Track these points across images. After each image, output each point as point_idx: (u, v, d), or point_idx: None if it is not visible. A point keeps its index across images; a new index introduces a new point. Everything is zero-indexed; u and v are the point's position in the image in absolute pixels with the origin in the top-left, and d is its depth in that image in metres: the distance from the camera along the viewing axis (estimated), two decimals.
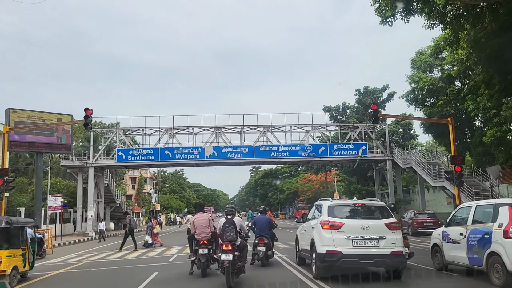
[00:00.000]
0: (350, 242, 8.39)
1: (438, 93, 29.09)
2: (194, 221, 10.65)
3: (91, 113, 20.47)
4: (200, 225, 10.38)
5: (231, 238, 9.10)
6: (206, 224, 10.43)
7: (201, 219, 10.53)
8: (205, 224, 10.41)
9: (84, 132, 42.15)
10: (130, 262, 14.59)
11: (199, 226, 10.40)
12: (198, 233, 10.38)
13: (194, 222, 10.61)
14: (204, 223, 10.43)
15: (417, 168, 32.17)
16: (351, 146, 36.88)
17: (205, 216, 10.72)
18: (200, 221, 10.46)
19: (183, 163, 37.15)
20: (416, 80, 29.38)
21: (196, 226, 10.47)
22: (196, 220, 10.60)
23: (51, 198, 29.45)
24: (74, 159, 36.46)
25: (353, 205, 9.14)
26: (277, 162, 40.98)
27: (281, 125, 37.52)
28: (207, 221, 10.49)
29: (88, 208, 35.35)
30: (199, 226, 10.40)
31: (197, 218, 10.63)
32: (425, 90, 28.91)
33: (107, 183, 41.35)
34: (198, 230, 10.39)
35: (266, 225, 11.95)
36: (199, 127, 37.17)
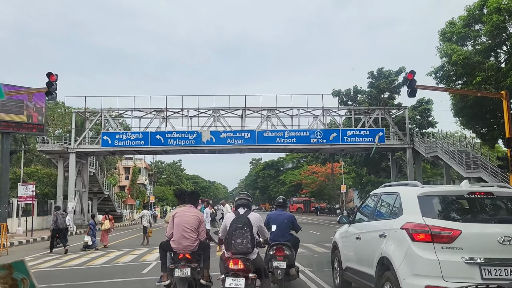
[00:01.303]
0: (477, 270, 4.16)
1: (474, 68, 24.88)
2: (175, 217, 6.26)
3: (56, 79, 16.34)
4: (182, 227, 6.04)
5: (244, 249, 5.30)
6: (193, 225, 6.11)
7: (186, 215, 6.16)
8: (190, 226, 6.08)
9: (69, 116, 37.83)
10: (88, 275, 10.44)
11: (181, 227, 6.04)
12: (177, 239, 6.03)
13: (174, 220, 6.23)
14: (190, 223, 6.10)
15: (444, 157, 28.01)
16: (366, 132, 32.68)
17: (193, 211, 6.30)
18: (184, 219, 6.11)
19: (176, 149, 32.95)
20: (449, 53, 25.09)
21: (175, 226, 6.12)
22: (178, 216, 6.19)
23: (22, 187, 25.33)
24: (54, 143, 32.25)
25: (470, 195, 4.76)
26: (282, 150, 36.74)
27: (288, 108, 33.31)
28: (195, 221, 6.14)
29: (68, 199, 31.21)
30: (181, 227, 6.04)
31: (181, 213, 6.22)
32: (459, 64, 24.64)
33: (93, 171, 37.21)
34: (177, 235, 6.06)
35: (287, 226, 7.41)
36: (195, 109, 32.95)
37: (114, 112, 33.61)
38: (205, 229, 6.39)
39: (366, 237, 5.78)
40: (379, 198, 5.92)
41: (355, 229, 6.38)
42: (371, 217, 5.97)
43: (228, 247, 5.41)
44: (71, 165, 31.25)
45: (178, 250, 6.04)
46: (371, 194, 6.51)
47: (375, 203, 6.00)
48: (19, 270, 1.67)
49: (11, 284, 1.64)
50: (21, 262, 1.69)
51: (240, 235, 5.27)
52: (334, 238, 7.44)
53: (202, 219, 6.32)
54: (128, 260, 12.71)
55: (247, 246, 5.26)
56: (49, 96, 16.25)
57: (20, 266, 1.68)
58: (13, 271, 1.66)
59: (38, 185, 35.65)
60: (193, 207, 6.42)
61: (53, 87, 16.10)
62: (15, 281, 1.66)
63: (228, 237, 5.40)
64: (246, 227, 5.32)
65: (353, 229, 6.51)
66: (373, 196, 6.37)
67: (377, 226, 5.46)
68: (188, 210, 6.30)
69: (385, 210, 5.71)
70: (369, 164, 42.65)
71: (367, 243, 5.66)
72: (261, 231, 5.89)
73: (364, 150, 35.92)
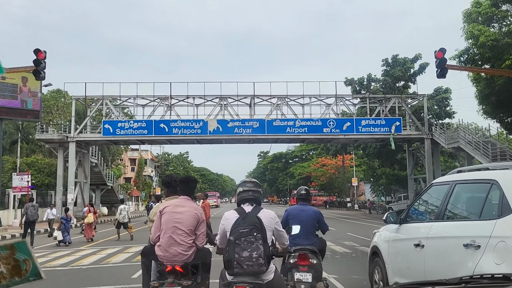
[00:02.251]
0: None
1: (503, 51, 22.90)
2: (163, 213, 4.38)
3: (44, 57, 14.72)
4: (172, 227, 4.25)
5: (255, 267, 3.49)
6: (188, 225, 4.29)
7: (178, 211, 4.33)
8: (184, 227, 4.27)
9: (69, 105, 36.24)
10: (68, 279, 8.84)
11: (170, 228, 4.24)
12: (165, 244, 4.22)
13: (162, 217, 4.37)
14: (185, 223, 4.29)
15: (467, 148, 26.10)
16: (382, 122, 30.82)
17: (189, 206, 4.43)
18: (176, 216, 4.30)
19: (181, 138, 31.29)
20: (476, 35, 23.09)
21: (163, 226, 4.29)
22: (167, 212, 4.34)
23: (17, 176, 24.01)
24: (53, 132, 30.75)
25: None
26: (293, 140, 34.93)
27: (299, 96, 31.50)
28: (191, 220, 4.32)
29: (68, 190, 29.77)
30: (170, 228, 4.24)
31: (171, 208, 4.37)
32: (487, 46, 22.66)
33: (95, 162, 35.72)
34: (165, 238, 4.24)
35: (312, 225, 5.61)
36: (201, 96, 31.24)
37: (116, 99, 31.99)
38: (206, 230, 4.58)
39: (436, 246, 4.02)
40: (453, 188, 4.15)
41: (411, 232, 4.61)
42: (440, 216, 4.20)
43: (229, 265, 3.51)
44: (71, 154, 29.77)
45: (165, 260, 4.24)
46: (434, 183, 4.72)
47: (445, 195, 4.21)
48: (21, 251, 1.65)
49: (13, 264, 1.62)
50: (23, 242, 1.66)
51: (247, 245, 3.48)
52: (374, 242, 5.63)
53: (202, 216, 4.47)
54: (120, 260, 11.10)
55: (259, 262, 3.46)
56: (37, 76, 14.64)
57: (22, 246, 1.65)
58: (16, 251, 1.64)
59: (38, 175, 34.37)
60: (188, 200, 4.52)
61: (42, 65, 14.49)
62: (17, 262, 1.64)
63: (229, 250, 3.53)
64: (256, 231, 3.52)
65: (406, 231, 4.74)
66: (438, 186, 4.60)
67: (457, 230, 3.73)
68: (182, 204, 4.42)
69: (468, 206, 4.00)
70: (383, 156, 40.75)
71: (439, 255, 3.91)
72: (278, 237, 3.92)
73: (379, 141, 34.09)
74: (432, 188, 4.72)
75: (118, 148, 49.13)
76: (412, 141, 33.42)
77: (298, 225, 5.22)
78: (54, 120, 40.27)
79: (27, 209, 16.23)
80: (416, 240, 4.32)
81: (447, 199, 4.11)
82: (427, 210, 4.76)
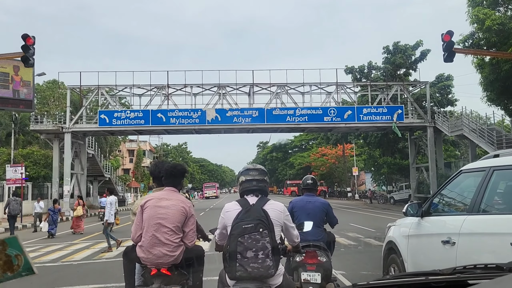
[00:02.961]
0: None
1: (509, 35, 22.24)
2: (144, 208, 3.71)
3: (33, 42, 14.05)
4: (155, 224, 3.62)
5: (262, 270, 2.88)
6: (174, 222, 3.67)
7: (163, 206, 3.70)
8: (170, 223, 3.65)
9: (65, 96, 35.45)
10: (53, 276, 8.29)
11: (153, 226, 3.62)
12: (147, 244, 3.60)
13: (144, 212, 3.70)
14: (170, 218, 3.66)
15: (471, 135, 25.52)
16: (384, 110, 30.21)
17: (175, 199, 3.80)
18: (160, 211, 3.67)
19: (179, 128, 30.64)
20: (481, 19, 22.40)
21: (146, 223, 3.66)
22: (149, 207, 3.69)
23: (10, 168, 23.42)
24: (48, 122, 30.09)
25: None
26: (293, 129, 34.29)
27: (299, 84, 30.83)
28: (177, 215, 3.70)
29: (64, 182, 29.20)
30: (153, 226, 3.62)
31: (154, 202, 3.73)
32: (493, 31, 21.98)
33: (92, 153, 35.13)
34: (147, 237, 3.62)
35: (320, 218, 5.03)
36: (198, 85, 30.55)
37: (112, 89, 31.28)
38: (197, 226, 3.97)
39: (472, 243, 3.42)
40: (490, 175, 3.54)
41: (437, 227, 4.01)
42: (474, 209, 3.57)
43: (230, 268, 2.94)
44: (67, 146, 29.15)
45: (148, 263, 3.63)
46: (464, 170, 4.08)
47: (480, 184, 3.58)
48: (12, 246, 1.59)
49: (5, 260, 1.59)
50: (14, 238, 1.60)
51: (251, 243, 2.92)
52: (390, 236, 5.01)
53: (191, 210, 3.82)
54: (114, 255, 10.52)
55: (266, 263, 2.90)
56: (27, 62, 13.98)
57: (13, 242, 1.59)
58: (7, 247, 1.59)
59: (34, 167, 33.78)
60: (174, 192, 3.87)
61: (30, 51, 13.84)
62: (9, 257, 1.60)
63: (230, 249, 2.97)
64: (262, 227, 2.95)
65: (431, 226, 4.14)
66: (470, 173, 3.99)
67: (501, 225, 3.15)
68: (167, 197, 3.77)
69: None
70: (384, 145, 40.18)
71: (477, 254, 3.28)
72: (288, 233, 3.33)
73: (380, 130, 33.50)
74: (461, 176, 4.08)
75: (116, 139, 48.49)
76: (414, 130, 32.87)
77: (306, 219, 4.62)
78: (50, 111, 39.58)
79: (9, 203, 16.15)
80: (444, 236, 3.70)
81: (483, 188, 3.50)
82: (456, 202, 4.16)
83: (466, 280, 1.39)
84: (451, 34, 14.44)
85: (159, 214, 3.65)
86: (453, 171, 33.28)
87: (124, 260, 4.11)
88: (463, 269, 1.55)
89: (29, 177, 29.53)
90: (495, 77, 23.31)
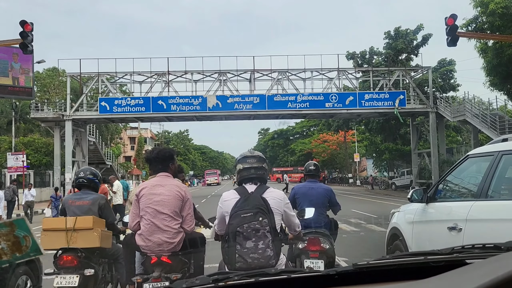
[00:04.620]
0: None
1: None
2: (140, 197, 3.63)
3: (31, 29, 13.88)
4: (152, 211, 3.55)
5: (262, 260, 2.82)
6: (172, 207, 3.59)
7: (158, 192, 3.61)
8: (167, 209, 3.57)
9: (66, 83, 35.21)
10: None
11: (150, 213, 3.55)
12: (146, 232, 3.54)
13: (140, 201, 3.62)
14: (167, 204, 3.59)
15: (474, 121, 25.37)
16: (385, 96, 30.01)
17: (170, 184, 3.70)
18: (155, 198, 3.59)
19: (180, 115, 30.53)
20: (485, 2, 22.11)
21: (142, 211, 3.59)
22: (144, 195, 3.62)
23: (11, 156, 23.43)
24: (49, 110, 29.97)
25: None
26: (294, 115, 34.13)
27: (300, 70, 30.62)
28: (174, 200, 3.62)
29: (66, 170, 29.21)
30: (150, 213, 3.55)
31: (149, 189, 3.64)
32: (497, 14, 21.70)
33: (93, 140, 35.10)
34: (145, 225, 3.56)
35: (323, 204, 4.98)
36: (199, 72, 30.35)
37: (112, 76, 31.10)
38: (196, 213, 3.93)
39: (479, 230, 3.34)
40: (498, 160, 3.44)
41: (442, 213, 3.94)
42: (482, 194, 3.48)
43: (229, 258, 2.89)
44: (67, 133, 29.10)
45: (148, 251, 3.58)
46: (471, 155, 3.98)
47: (488, 169, 3.50)
48: (20, 228, 1.63)
49: (13, 241, 1.61)
50: (22, 220, 1.70)
51: (251, 233, 2.85)
52: (394, 223, 4.96)
53: (187, 194, 3.75)
54: None
55: (266, 253, 2.84)
56: (25, 49, 13.85)
57: (21, 223, 1.65)
58: (15, 228, 1.62)
59: (36, 155, 33.82)
60: (168, 177, 3.78)
61: (29, 38, 13.69)
62: (17, 239, 1.63)
63: (229, 239, 2.92)
64: (261, 216, 2.88)
65: (436, 212, 4.07)
66: (477, 158, 3.91)
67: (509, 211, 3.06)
68: (161, 183, 3.69)
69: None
70: (386, 131, 40.09)
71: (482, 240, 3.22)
72: (289, 222, 3.22)
73: (382, 115, 33.35)
74: (468, 161, 4.00)
75: (117, 126, 48.44)
76: (416, 115, 32.70)
77: (309, 206, 4.54)
78: (51, 99, 39.47)
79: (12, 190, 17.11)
80: (450, 223, 3.63)
81: (491, 173, 3.41)
82: (463, 187, 4.09)
83: (464, 260, 1.42)
84: (454, 18, 14.23)
85: (155, 201, 3.60)
86: (455, 157, 33.24)
87: (124, 249, 4.06)
88: (461, 249, 1.58)
89: (31, 165, 29.56)
90: (499, 61, 23.08)
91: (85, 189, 4.70)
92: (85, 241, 4.24)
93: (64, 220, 4.32)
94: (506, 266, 0.93)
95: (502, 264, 0.98)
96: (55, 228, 4.33)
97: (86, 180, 4.71)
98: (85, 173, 4.76)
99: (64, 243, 4.22)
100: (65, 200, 4.88)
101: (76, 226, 4.21)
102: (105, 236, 4.42)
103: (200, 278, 1.45)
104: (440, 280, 1.08)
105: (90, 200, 4.53)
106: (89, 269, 4.22)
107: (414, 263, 1.47)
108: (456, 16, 14.26)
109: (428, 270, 1.34)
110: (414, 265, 1.46)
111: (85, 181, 4.71)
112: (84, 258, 4.28)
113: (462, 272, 1.11)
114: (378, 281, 1.35)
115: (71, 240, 4.20)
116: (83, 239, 4.23)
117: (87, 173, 4.78)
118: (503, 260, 1.11)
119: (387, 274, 1.40)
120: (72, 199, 4.68)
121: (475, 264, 1.23)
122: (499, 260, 1.12)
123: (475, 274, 1.03)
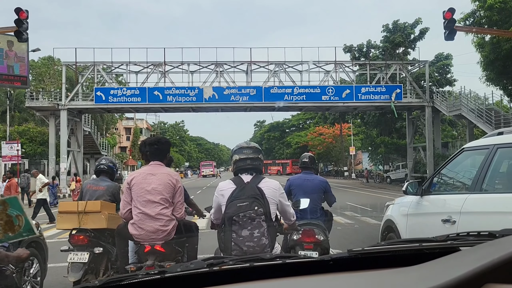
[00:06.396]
0: None
1: (510, 14, 21.99)
2: (131, 185, 3.66)
3: (26, 16, 13.74)
4: (143, 200, 3.58)
5: (257, 248, 2.89)
6: (163, 195, 3.62)
7: (149, 181, 3.64)
8: (159, 197, 3.60)
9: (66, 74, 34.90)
10: None
11: (142, 201, 3.59)
12: (139, 220, 3.57)
13: (132, 189, 3.66)
14: (158, 192, 3.61)
15: (469, 115, 25.48)
16: (382, 89, 30.03)
17: (161, 172, 3.73)
18: (146, 187, 3.62)
19: (176, 106, 30.47)
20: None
21: (134, 201, 3.63)
22: (136, 183, 3.65)
23: (6, 145, 23.29)
24: (44, 99, 29.78)
25: None
26: (291, 108, 34.13)
27: (297, 63, 30.56)
28: (165, 187, 3.65)
29: (61, 159, 29.12)
30: (142, 201, 3.59)
31: (140, 178, 3.68)
32: (495, 9, 21.71)
33: (89, 130, 34.98)
34: (137, 214, 3.60)
35: (318, 196, 4.96)
36: (196, 63, 30.25)
37: (108, 66, 30.94)
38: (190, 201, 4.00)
39: (472, 222, 3.33)
40: (493, 153, 3.44)
41: (437, 206, 3.96)
42: (476, 188, 3.50)
43: (225, 246, 2.95)
44: (63, 123, 28.96)
45: (141, 239, 3.61)
46: (466, 148, 3.99)
47: (482, 162, 3.52)
48: (13, 207, 1.61)
49: (6, 220, 1.59)
50: (15, 198, 1.63)
51: (246, 221, 2.89)
52: (389, 215, 4.98)
53: (178, 182, 3.77)
54: None
55: (261, 242, 2.89)
56: (20, 37, 13.73)
57: (14, 202, 1.62)
58: (8, 207, 1.60)
59: (31, 144, 33.66)
60: (160, 166, 3.80)
61: (24, 26, 13.55)
62: (10, 218, 1.61)
63: (225, 228, 2.96)
64: (257, 205, 2.91)
65: (431, 204, 4.09)
66: (472, 151, 3.91)
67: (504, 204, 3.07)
68: (152, 171, 3.71)
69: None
70: (382, 124, 40.14)
71: None
72: (284, 212, 3.27)
73: (378, 109, 33.39)
74: (464, 154, 4.00)
75: (112, 116, 48.26)
76: (412, 109, 32.78)
77: (304, 197, 4.54)
78: (46, 88, 39.21)
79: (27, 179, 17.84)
80: (444, 215, 3.65)
81: (485, 166, 3.43)
82: (458, 180, 4.10)
83: (458, 247, 1.42)
84: (452, 12, 14.22)
85: (146, 190, 3.64)
86: (450, 151, 33.39)
87: (117, 238, 4.09)
88: (456, 236, 1.58)
89: (26, 154, 29.43)
90: (495, 56, 23.13)
91: (103, 176, 5.20)
92: (94, 223, 4.75)
93: (76, 204, 4.87)
94: (499, 251, 0.93)
95: (496, 249, 0.99)
96: (69, 210, 4.93)
97: (106, 167, 5.23)
98: (107, 161, 5.36)
99: (76, 224, 4.73)
100: (84, 184, 5.46)
101: (86, 209, 4.74)
102: (112, 218, 4.81)
103: (195, 262, 1.46)
104: (434, 265, 1.08)
105: (105, 186, 5.05)
106: (98, 248, 4.65)
107: (409, 249, 1.47)
108: (454, 10, 14.25)
109: (422, 257, 1.33)
110: (409, 252, 1.46)
111: (105, 167, 5.23)
112: (94, 238, 4.72)
113: (456, 257, 1.11)
114: (373, 268, 1.34)
115: (82, 222, 4.72)
116: (92, 220, 4.76)
117: (108, 161, 5.39)
118: (497, 245, 1.10)
119: (381, 261, 1.40)
120: (90, 184, 5.25)
121: (469, 249, 1.23)
122: (492, 245, 1.12)
123: (469, 259, 1.03)
